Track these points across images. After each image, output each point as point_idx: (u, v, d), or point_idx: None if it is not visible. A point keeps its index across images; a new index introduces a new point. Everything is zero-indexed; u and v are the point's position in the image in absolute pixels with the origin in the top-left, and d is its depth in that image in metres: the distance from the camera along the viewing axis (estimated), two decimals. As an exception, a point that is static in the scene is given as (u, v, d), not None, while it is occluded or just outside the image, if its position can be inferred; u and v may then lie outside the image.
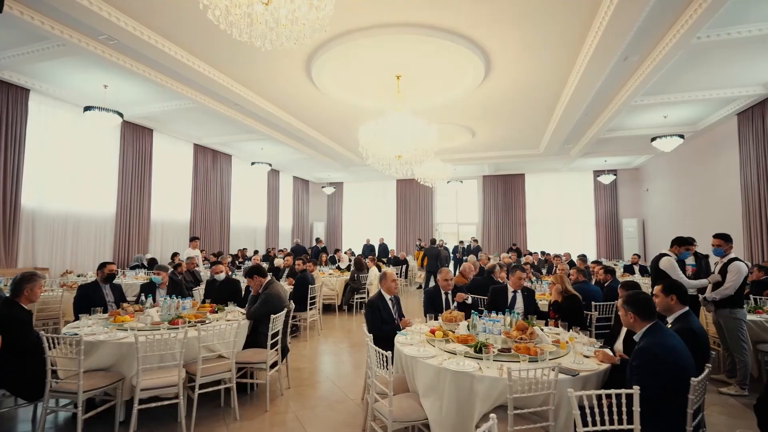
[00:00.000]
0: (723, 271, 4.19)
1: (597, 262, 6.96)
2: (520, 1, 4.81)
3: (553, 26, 5.37)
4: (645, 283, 7.11)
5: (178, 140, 11.23)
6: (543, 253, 12.52)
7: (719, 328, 4.35)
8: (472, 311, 3.35)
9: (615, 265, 11.12)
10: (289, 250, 11.95)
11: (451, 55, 6.06)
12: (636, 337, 2.30)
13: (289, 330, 4.61)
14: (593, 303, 4.52)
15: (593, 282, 5.75)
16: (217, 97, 7.87)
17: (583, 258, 8.29)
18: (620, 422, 1.90)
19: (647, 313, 2.28)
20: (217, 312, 4.25)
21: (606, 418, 1.92)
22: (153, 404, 3.11)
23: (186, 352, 3.25)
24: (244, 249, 12.90)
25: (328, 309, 8.45)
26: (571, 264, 8.29)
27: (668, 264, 4.28)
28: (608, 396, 1.98)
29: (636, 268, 9.29)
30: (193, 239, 9.36)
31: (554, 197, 16.09)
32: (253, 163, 13.49)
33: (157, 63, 6.18)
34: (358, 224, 18.41)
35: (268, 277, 4.31)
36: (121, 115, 7.58)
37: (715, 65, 6.65)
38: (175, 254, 9.24)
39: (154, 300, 4.40)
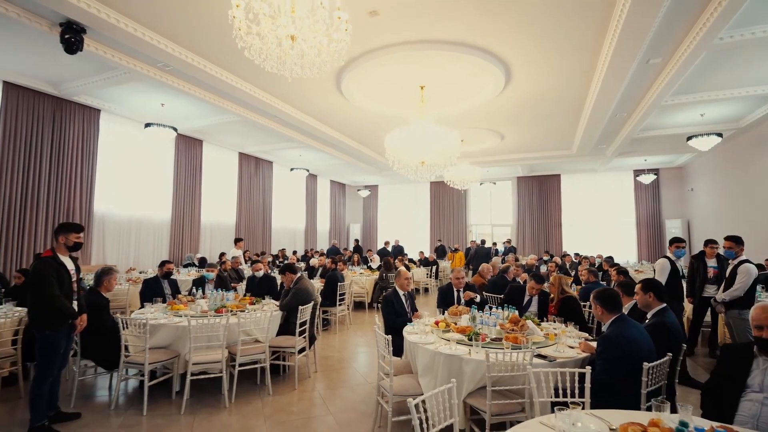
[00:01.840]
0: (733, 273, 4.26)
1: (613, 264, 7.02)
2: (530, 14, 5.07)
3: (567, 35, 5.57)
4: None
5: (224, 149, 12.26)
6: (577, 255, 12.39)
7: (730, 328, 4.40)
8: (472, 306, 3.72)
9: (653, 267, 10.77)
10: (324, 251, 12.66)
11: (471, 66, 6.39)
12: (604, 328, 2.61)
13: (318, 321, 5.16)
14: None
15: (612, 283, 5.86)
16: (258, 111, 8.65)
17: (608, 260, 8.28)
18: (572, 395, 2.23)
19: (613, 306, 2.57)
20: (255, 303, 4.88)
21: (560, 392, 2.26)
22: (202, 376, 3.78)
23: (228, 335, 3.87)
24: (283, 249, 13.77)
25: (359, 306, 9.00)
26: (599, 267, 8.31)
27: (659, 266, 4.43)
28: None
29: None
30: (237, 240, 10.23)
31: (592, 198, 15.75)
32: (292, 169, 14.37)
33: (206, 84, 7.00)
34: (392, 226, 18.90)
35: (299, 274, 4.88)
36: (175, 129, 8.55)
37: (749, 63, 6.43)
38: (222, 254, 10.16)
39: (203, 293, 5.12)
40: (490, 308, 3.65)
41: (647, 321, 2.89)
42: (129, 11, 5.04)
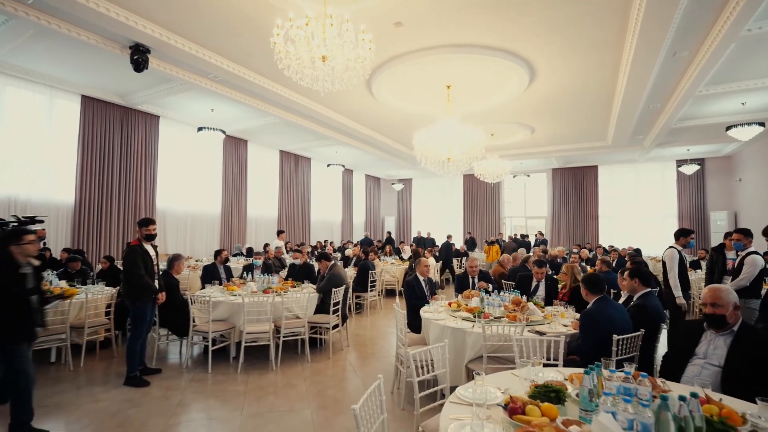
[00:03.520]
0: (740, 264, 4.43)
1: (633, 256, 7.15)
2: (548, 19, 5.35)
3: (587, 37, 5.79)
4: (702, 278, 7.01)
5: (267, 148, 13.22)
6: (611, 246, 12.31)
7: (737, 316, 4.57)
8: (481, 290, 4.20)
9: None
10: (356, 242, 13.40)
11: (494, 66, 6.71)
12: (588, 307, 3.04)
13: (351, 303, 5.77)
14: (611, 291, 5.02)
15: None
16: (297, 113, 9.42)
17: (634, 252, 8.35)
18: (548, 359, 2.70)
19: (595, 289, 3.00)
20: (295, 287, 5.62)
21: (539, 355, 2.73)
22: (253, 344, 4.57)
23: (274, 312, 4.61)
24: (325, 240, 14.63)
25: (390, 293, 9.63)
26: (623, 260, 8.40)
27: (669, 256, 4.64)
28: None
29: (703, 264, 8.87)
30: (280, 232, 11.16)
31: (631, 189, 15.37)
32: (329, 165, 15.16)
33: (250, 90, 7.81)
34: (426, 218, 19.29)
35: (332, 262, 5.56)
36: (223, 132, 9.48)
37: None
38: (266, 244, 11.10)
39: (252, 277, 5.93)
40: (498, 292, 4.12)
41: (632, 303, 3.27)
42: (186, 33, 5.86)
